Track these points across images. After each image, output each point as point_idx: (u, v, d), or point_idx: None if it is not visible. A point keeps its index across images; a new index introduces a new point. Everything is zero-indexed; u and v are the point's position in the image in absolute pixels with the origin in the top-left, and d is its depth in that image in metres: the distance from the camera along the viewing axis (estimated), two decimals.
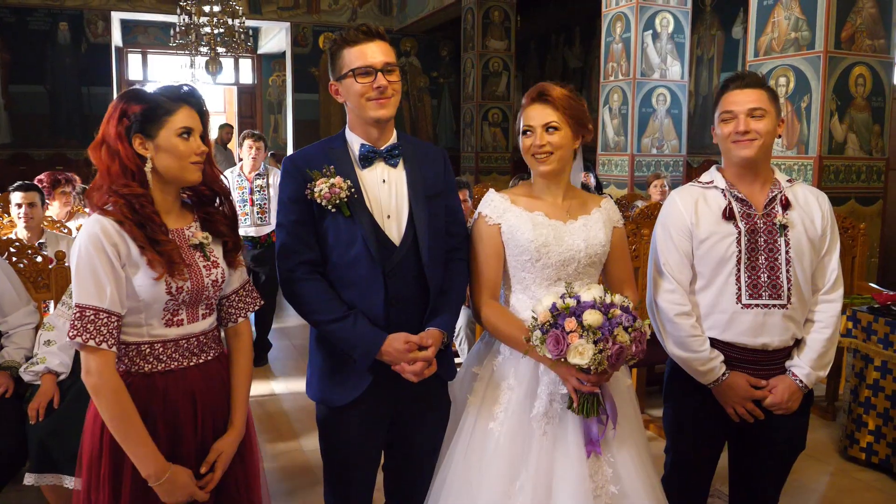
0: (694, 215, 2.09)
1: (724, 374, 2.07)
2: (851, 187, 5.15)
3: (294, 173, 1.93)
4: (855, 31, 4.95)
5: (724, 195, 2.09)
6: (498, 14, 10.65)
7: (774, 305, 2.04)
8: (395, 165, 1.98)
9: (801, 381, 2.07)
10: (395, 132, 2.02)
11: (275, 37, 14.23)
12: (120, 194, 1.62)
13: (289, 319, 6.12)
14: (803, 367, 2.08)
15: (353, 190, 1.89)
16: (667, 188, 6.25)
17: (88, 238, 1.59)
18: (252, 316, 1.92)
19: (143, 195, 1.64)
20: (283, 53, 14.15)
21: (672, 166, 7.28)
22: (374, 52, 1.90)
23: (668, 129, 7.23)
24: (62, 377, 2.69)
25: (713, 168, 2.19)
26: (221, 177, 1.81)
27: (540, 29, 13.03)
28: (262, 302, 1.94)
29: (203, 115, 1.73)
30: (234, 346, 1.86)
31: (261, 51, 15.35)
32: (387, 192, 1.96)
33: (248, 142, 4.97)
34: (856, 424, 3.51)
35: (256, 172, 5.01)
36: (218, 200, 1.81)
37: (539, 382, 1.95)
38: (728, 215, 2.06)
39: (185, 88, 1.71)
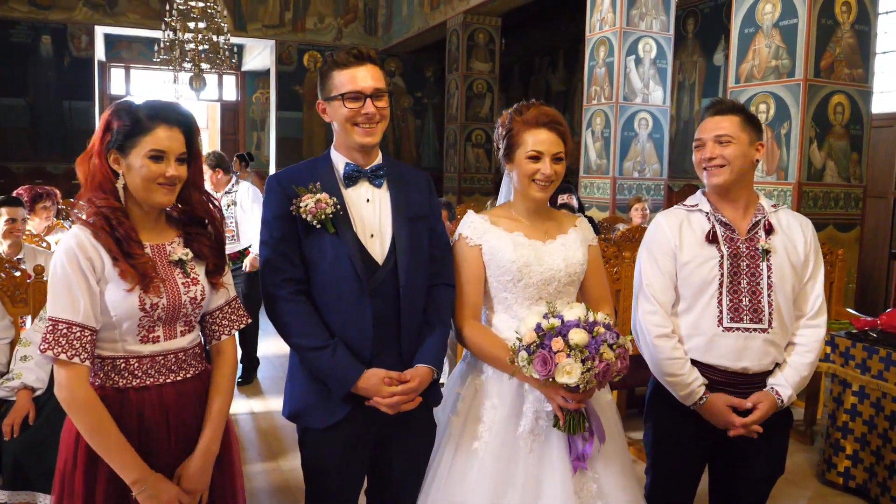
0: (678, 237, 2.11)
1: (701, 399, 2.07)
2: (830, 214, 5.23)
3: (279, 191, 1.93)
4: (834, 60, 5.06)
5: (708, 218, 2.11)
6: (483, 36, 10.75)
7: (755, 329, 2.06)
8: (379, 186, 1.99)
9: (782, 401, 2.08)
10: (380, 154, 2.03)
11: (259, 54, 14.25)
12: (97, 206, 1.63)
13: (268, 338, 6.05)
14: (787, 387, 2.09)
15: (338, 206, 1.89)
16: (647, 212, 6.32)
17: (65, 251, 1.59)
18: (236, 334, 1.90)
19: (118, 209, 1.64)
20: (268, 71, 14.18)
21: (653, 190, 7.36)
22: (364, 77, 1.90)
23: (649, 153, 7.31)
24: (38, 393, 2.64)
25: (699, 192, 2.21)
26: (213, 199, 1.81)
27: (524, 52, 13.18)
28: (249, 320, 1.92)
29: (190, 136, 1.71)
30: (214, 364, 1.83)
31: (245, 68, 15.36)
32: (371, 212, 1.96)
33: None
34: (833, 449, 3.53)
35: (224, 190, 4.95)
36: (205, 222, 1.80)
37: (524, 401, 1.95)
38: (711, 238, 2.08)
39: (170, 107, 1.69)
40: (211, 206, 1.80)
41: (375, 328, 1.90)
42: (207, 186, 4.76)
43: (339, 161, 1.98)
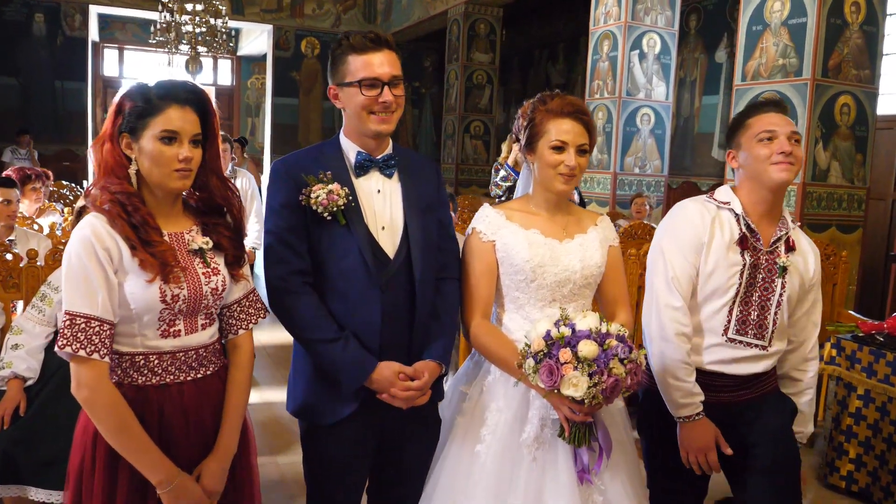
0: (709, 234, 2.01)
1: (698, 415, 1.99)
2: (833, 215, 5.20)
3: (286, 178, 1.85)
4: (842, 60, 5.01)
5: (738, 221, 2.02)
6: (484, 27, 10.65)
7: (756, 345, 2.01)
8: (390, 176, 1.92)
9: (806, 439, 2.15)
10: (390, 143, 1.96)
11: (256, 39, 14.11)
12: (112, 192, 1.55)
13: (260, 329, 5.98)
14: (804, 430, 2.14)
15: (350, 198, 1.83)
16: (649, 208, 6.27)
17: (80, 241, 1.51)
18: None
19: (134, 194, 1.56)
20: (264, 56, 14.05)
21: (654, 186, 7.31)
22: (382, 64, 1.83)
23: (651, 149, 7.26)
24: (29, 383, 2.55)
25: (727, 188, 2.10)
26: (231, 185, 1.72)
27: (524, 44, 13.10)
28: (269, 313, 1.84)
29: (205, 116, 1.62)
30: (231, 360, 1.75)
31: (241, 52, 15.21)
32: (381, 203, 1.90)
33: None
34: (836, 452, 3.50)
35: None
36: (223, 210, 1.72)
37: (530, 406, 1.89)
38: (741, 244, 2.00)
39: (183, 85, 1.60)
40: (229, 192, 1.71)
41: (384, 322, 1.84)
42: None
43: (350, 149, 1.91)
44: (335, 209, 1.80)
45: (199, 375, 1.64)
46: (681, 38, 8.27)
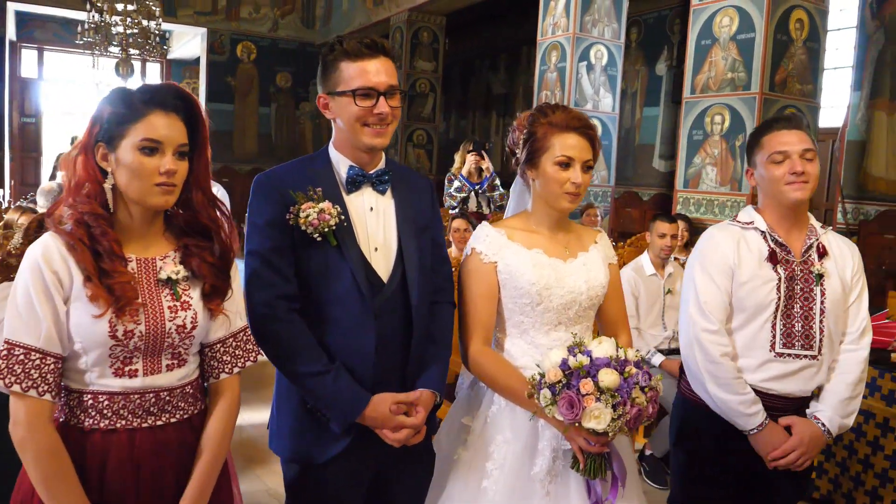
0: (736, 255, 2.01)
1: (766, 420, 1.97)
2: None
3: (272, 194, 1.69)
4: (787, 75, 5.17)
5: (765, 238, 2.03)
6: (427, 35, 10.59)
7: (806, 356, 1.99)
8: (383, 192, 1.79)
9: (824, 426, 1.99)
10: (383, 157, 1.82)
11: (188, 42, 13.68)
12: (77, 211, 1.36)
13: None
14: (825, 409, 2.01)
15: (342, 217, 1.68)
16: (599, 218, 6.31)
17: (29, 263, 1.33)
18: None
19: (101, 216, 1.37)
20: (196, 60, 13.63)
21: (601, 197, 7.39)
22: (378, 72, 1.69)
23: (598, 160, 7.34)
24: None
25: (750, 208, 2.12)
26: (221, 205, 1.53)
27: (465, 53, 13.12)
28: (259, 356, 1.65)
29: (194, 124, 1.45)
30: (210, 407, 1.54)
31: (171, 56, 14.73)
32: (374, 222, 1.76)
33: None
34: None
35: None
36: (210, 233, 1.52)
37: (539, 437, 1.78)
38: (772, 260, 2.00)
39: (169, 89, 1.43)
40: (217, 212, 1.52)
41: (378, 352, 1.71)
42: None
43: (341, 163, 1.76)
44: (326, 229, 1.66)
45: (158, 422, 1.42)
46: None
